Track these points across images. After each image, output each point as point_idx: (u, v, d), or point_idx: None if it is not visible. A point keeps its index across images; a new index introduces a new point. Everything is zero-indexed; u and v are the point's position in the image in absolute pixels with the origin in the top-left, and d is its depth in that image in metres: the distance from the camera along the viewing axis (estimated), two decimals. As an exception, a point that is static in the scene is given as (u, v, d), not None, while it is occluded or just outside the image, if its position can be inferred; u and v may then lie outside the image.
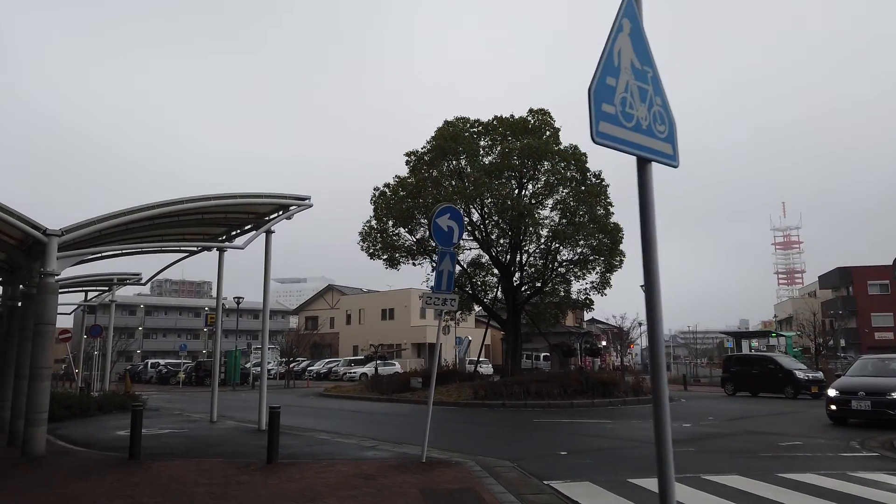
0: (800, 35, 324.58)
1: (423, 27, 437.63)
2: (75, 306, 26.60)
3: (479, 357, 31.42)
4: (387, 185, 24.36)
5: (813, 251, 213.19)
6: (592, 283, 23.92)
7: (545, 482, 7.73)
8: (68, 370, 39.66)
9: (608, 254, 22.86)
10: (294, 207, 13.60)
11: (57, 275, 10.40)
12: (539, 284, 24.61)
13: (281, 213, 13.96)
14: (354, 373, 46.30)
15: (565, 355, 29.70)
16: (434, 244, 8.74)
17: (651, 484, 7.57)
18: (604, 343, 68.88)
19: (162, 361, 50.36)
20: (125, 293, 79.64)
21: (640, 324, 37.95)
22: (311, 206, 13.61)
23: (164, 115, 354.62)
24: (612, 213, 23.48)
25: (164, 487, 7.39)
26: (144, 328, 75.97)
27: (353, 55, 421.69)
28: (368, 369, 47.29)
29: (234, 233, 16.19)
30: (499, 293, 25.44)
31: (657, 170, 2.86)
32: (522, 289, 24.58)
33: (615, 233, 22.84)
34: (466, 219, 24.43)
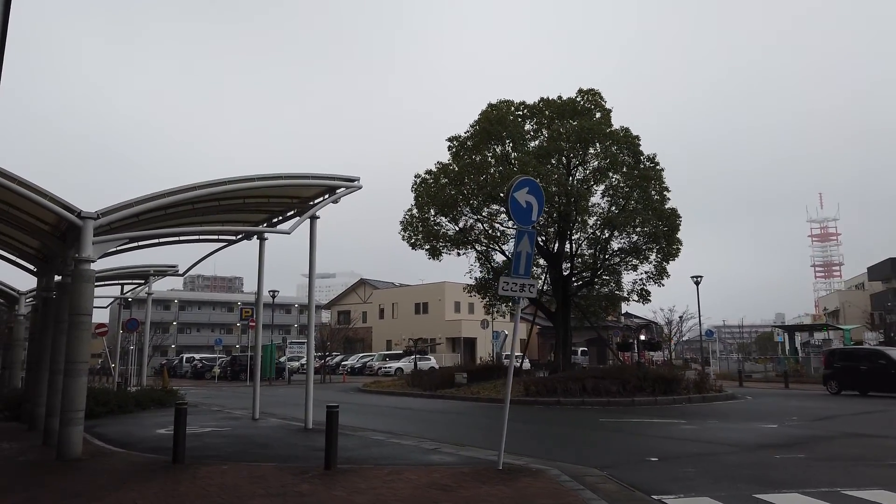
0: (832, 13, 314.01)
1: (443, 21, 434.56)
2: (111, 300, 26.16)
3: (524, 352, 30.14)
4: (428, 172, 23.28)
5: (851, 243, 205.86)
6: (648, 273, 22.54)
7: (654, 497, 6.57)
8: (105, 365, 39.65)
9: (666, 241, 21.43)
10: (342, 189, 12.60)
11: (93, 261, 9.55)
12: (589, 275, 23.30)
13: (327, 196, 12.98)
14: (390, 368, 45.50)
15: (621, 349, 28.16)
16: (510, 220, 7.54)
17: (785, 500, 6.37)
18: (642, 337, 67.19)
19: (197, 356, 50.29)
20: (159, 288, 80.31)
21: (680, 317, 35.84)
22: (360, 187, 12.60)
23: (170, 116, 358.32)
24: (668, 199, 22.07)
25: (216, 499, 6.43)
26: (178, 323, 76.48)
27: (372, 54, 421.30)
28: (404, 364, 46.49)
29: (275, 220, 15.31)
30: (545, 284, 24.19)
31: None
32: (573, 279, 23.29)
33: (673, 219, 21.41)
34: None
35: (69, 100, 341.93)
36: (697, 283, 30.81)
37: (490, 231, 23.65)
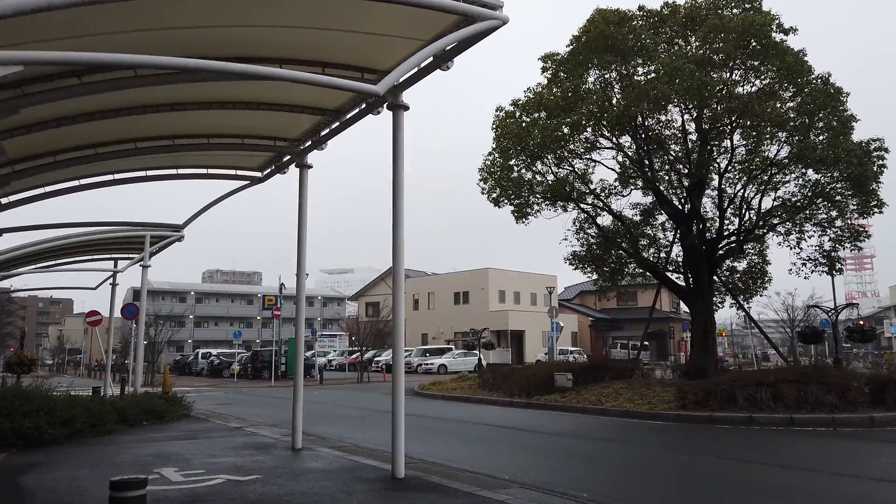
0: None
1: None
2: (103, 278, 20.68)
3: (640, 345, 23.61)
4: (515, 103, 17.31)
5: (883, 236, 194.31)
6: (830, 234, 16.31)
7: None
8: (119, 361, 34.44)
9: (861, 190, 15.21)
10: (472, 28, 6.51)
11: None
12: (735, 240, 17.07)
13: (428, 62, 6.98)
14: (431, 364, 39.81)
15: (807, 341, 21.75)
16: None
17: None
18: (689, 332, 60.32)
19: (214, 352, 44.93)
20: (175, 279, 75.35)
21: (811, 306, 28.89)
22: (503, 20, 6.54)
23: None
24: (853, 130, 15.84)
25: None
26: (195, 316, 71.43)
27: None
28: (448, 360, 40.73)
29: (323, 133, 9.48)
30: (672, 252, 18.13)
31: None
32: (720, 245, 17.09)
33: (871, 157, 15.14)
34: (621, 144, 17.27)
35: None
36: (832, 260, 24.42)
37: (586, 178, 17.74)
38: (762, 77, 15.64)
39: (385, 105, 7.94)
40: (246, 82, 7.77)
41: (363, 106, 8.57)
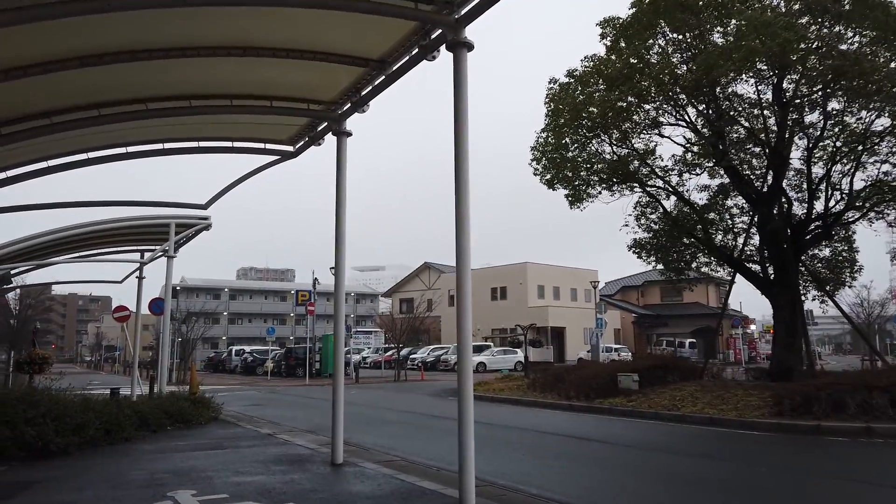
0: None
1: None
2: (131, 270, 19.65)
3: (707, 344, 21.81)
4: (571, 74, 15.59)
5: None
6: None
7: None
8: (154, 358, 33.76)
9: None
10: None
11: None
12: (821, 224, 15.07)
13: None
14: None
15: None
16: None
17: None
18: (752, 327, 57.63)
19: (247, 349, 44.18)
20: (209, 276, 75.42)
21: None
22: None
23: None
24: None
25: None
26: (229, 313, 71.23)
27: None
28: (487, 358, 39.17)
29: (365, 91, 7.99)
30: (749, 238, 16.17)
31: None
32: (808, 229, 15.12)
33: None
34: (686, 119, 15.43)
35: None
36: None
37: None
38: (861, 35, 13.61)
39: (444, 45, 6.43)
40: (277, 18, 6.33)
41: (415, 51, 7.04)
